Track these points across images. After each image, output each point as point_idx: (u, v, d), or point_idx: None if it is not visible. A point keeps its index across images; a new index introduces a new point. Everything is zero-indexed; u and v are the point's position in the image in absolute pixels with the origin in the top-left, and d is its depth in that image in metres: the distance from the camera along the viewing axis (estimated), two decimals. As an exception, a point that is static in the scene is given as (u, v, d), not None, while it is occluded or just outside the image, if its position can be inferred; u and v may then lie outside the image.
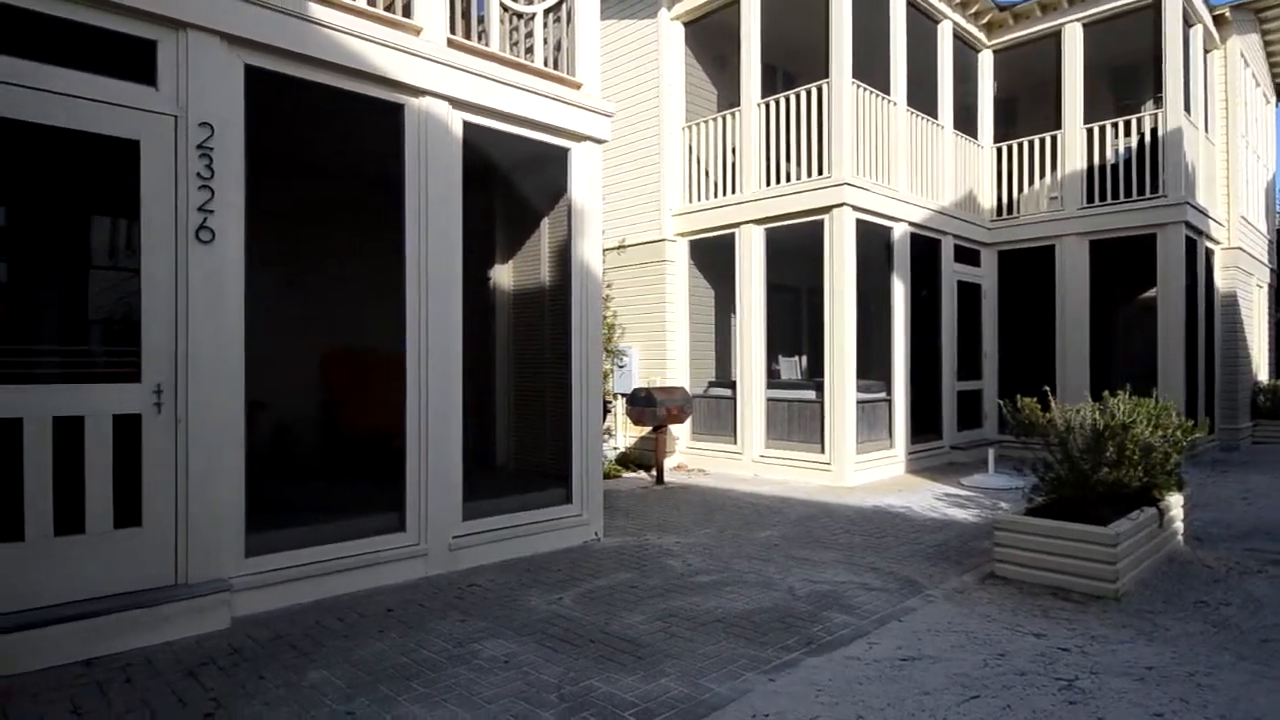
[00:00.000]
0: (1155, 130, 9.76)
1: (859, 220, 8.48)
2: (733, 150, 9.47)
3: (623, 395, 9.73)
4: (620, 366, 9.94)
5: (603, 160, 6.17)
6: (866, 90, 8.68)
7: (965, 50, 10.93)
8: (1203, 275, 10.66)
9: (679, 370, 9.90)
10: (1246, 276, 12.46)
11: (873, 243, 8.94)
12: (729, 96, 10.24)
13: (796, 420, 8.82)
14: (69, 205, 4.38)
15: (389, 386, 5.00)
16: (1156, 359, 9.68)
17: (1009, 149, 11.09)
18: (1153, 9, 9.70)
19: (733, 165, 9.47)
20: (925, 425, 9.72)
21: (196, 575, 3.87)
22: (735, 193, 9.37)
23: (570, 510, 5.69)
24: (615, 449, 9.93)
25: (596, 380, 5.86)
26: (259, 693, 3.10)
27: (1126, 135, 10.14)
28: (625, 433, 10.12)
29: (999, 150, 11.20)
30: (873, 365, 9.35)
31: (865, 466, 8.49)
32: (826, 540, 5.76)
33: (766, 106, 9.10)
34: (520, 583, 4.66)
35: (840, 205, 8.29)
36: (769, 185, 9.05)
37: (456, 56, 4.93)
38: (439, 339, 4.86)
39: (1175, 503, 5.23)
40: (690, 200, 9.92)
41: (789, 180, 8.91)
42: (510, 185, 6.68)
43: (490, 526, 5.16)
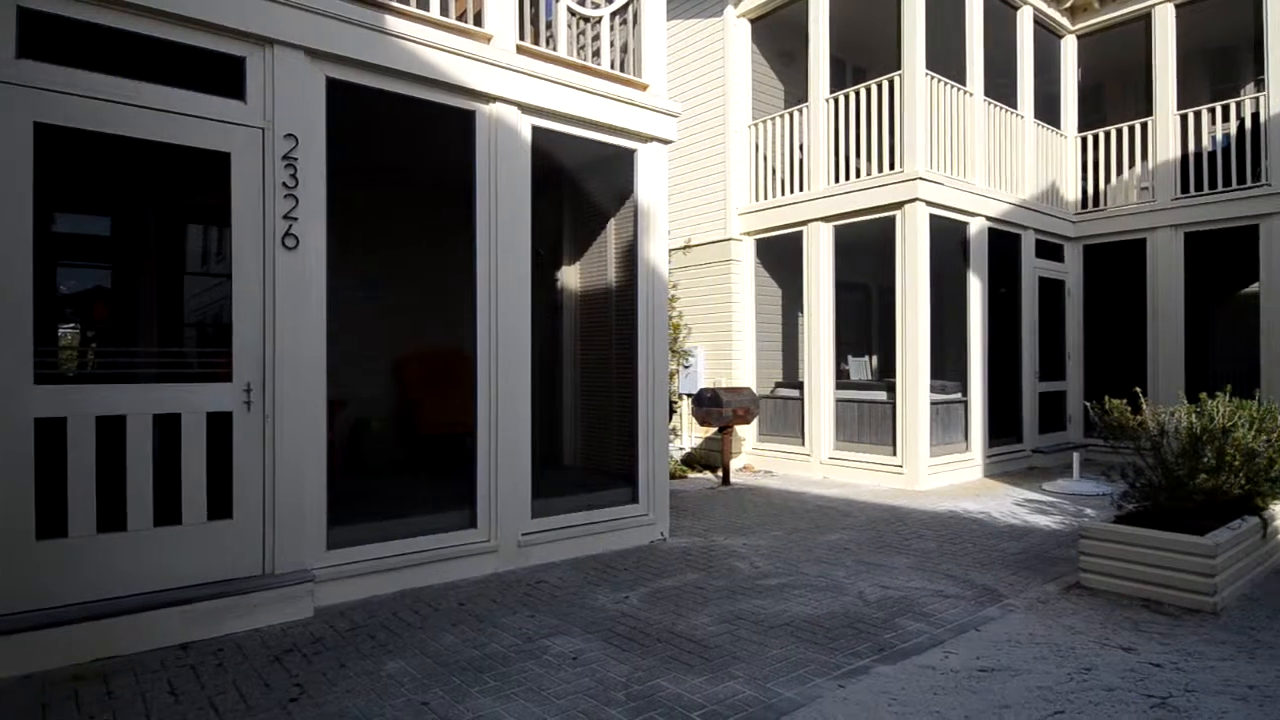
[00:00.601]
0: (1256, 115, 9.12)
1: (933, 215, 8.23)
2: (800, 147, 9.33)
3: (688, 396, 9.71)
4: (686, 367, 9.92)
5: (668, 160, 6.18)
6: (941, 81, 8.42)
7: (1047, 36, 10.47)
8: (1313, 268, 9.91)
9: (745, 370, 9.82)
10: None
11: (947, 238, 8.66)
12: (796, 92, 10.09)
13: (867, 421, 8.62)
14: (166, 215, 4.66)
15: (460, 386, 5.14)
16: (1259, 359, 9.05)
17: (1095, 138, 10.56)
18: (1254, -15, 9.09)
19: (800, 162, 9.32)
20: (1004, 428, 9.35)
21: (283, 566, 4.05)
22: (802, 190, 9.23)
23: (636, 510, 5.71)
24: (681, 449, 9.93)
25: (663, 380, 5.86)
26: (340, 680, 3.22)
27: (1224, 121, 9.51)
28: (691, 433, 10.09)
29: (1084, 140, 10.68)
30: (947, 365, 9.07)
31: (939, 470, 8.24)
32: (898, 545, 5.61)
33: (835, 101, 8.93)
34: (587, 581, 4.71)
35: (913, 200, 8.07)
36: (837, 182, 8.88)
37: (525, 62, 5.01)
38: (508, 340, 4.96)
39: (1281, 512, 4.89)
40: (756, 199, 9.82)
41: (858, 176, 8.72)
42: (577, 187, 6.76)
43: (558, 524, 5.23)
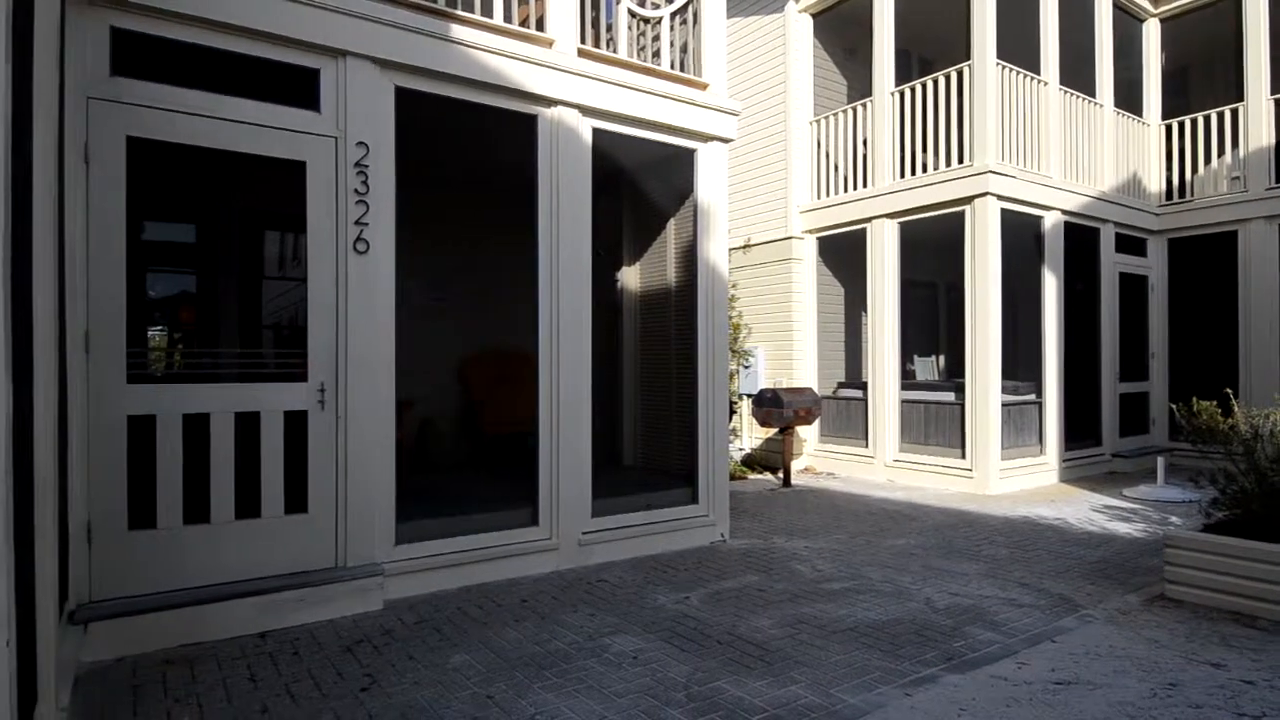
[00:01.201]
0: (1365, 96, 8.51)
1: (1004, 210, 7.95)
2: (864, 142, 9.14)
3: (748, 396, 9.63)
4: (746, 367, 9.84)
5: (728, 158, 6.14)
6: (1013, 70, 8.12)
7: (1127, 21, 9.98)
8: None
9: (806, 371, 9.68)
10: None
11: (1020, 233, 8.35)
12: (859, 87, 9.89)
13: (934, 423, 8.39)
14: (246, 221, 4.88)
15: (522, 386, 5.22)
16: (1368, 358, 8.44)
17: (1180, 126, 10.01)
18: (1362, -43, 8.47)
19: (863, 158, 9.13)
20: (1082, 430, 8.96)
21: (354, 559, 4.19)
22: (866, 186, 9.04)
23: (696, 511, 5.70)
24: (741, 450, 9.85)
25: (723, 381, 5.83)
26: (408, 671, 3.31)
27: (1327, 103, 8.90)
28: (751, 434, 10.01)
29: (1167, 128, 10.14)
30: (1020, 365, 8.75)
31: (1011, 473, 7.95)
32: (968, 551, 5.44)
33: (900, 95, 8.71)
34: (647, 580, 4.72)
35: (983, 195, 7.80)
36: (902, 177, 8.66)
37: (587, 65, 5.06)
38: (569, 340, 5.01)
39: (1393, 524, 4.53)
40: (818, 196, 9.66)
41: (925, 171, 8.49)
42: (637, 187, 6.78)
43: (618, 524, 5.26)
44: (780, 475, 8.58)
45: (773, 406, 8.18)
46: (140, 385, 3.71)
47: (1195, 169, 9.90)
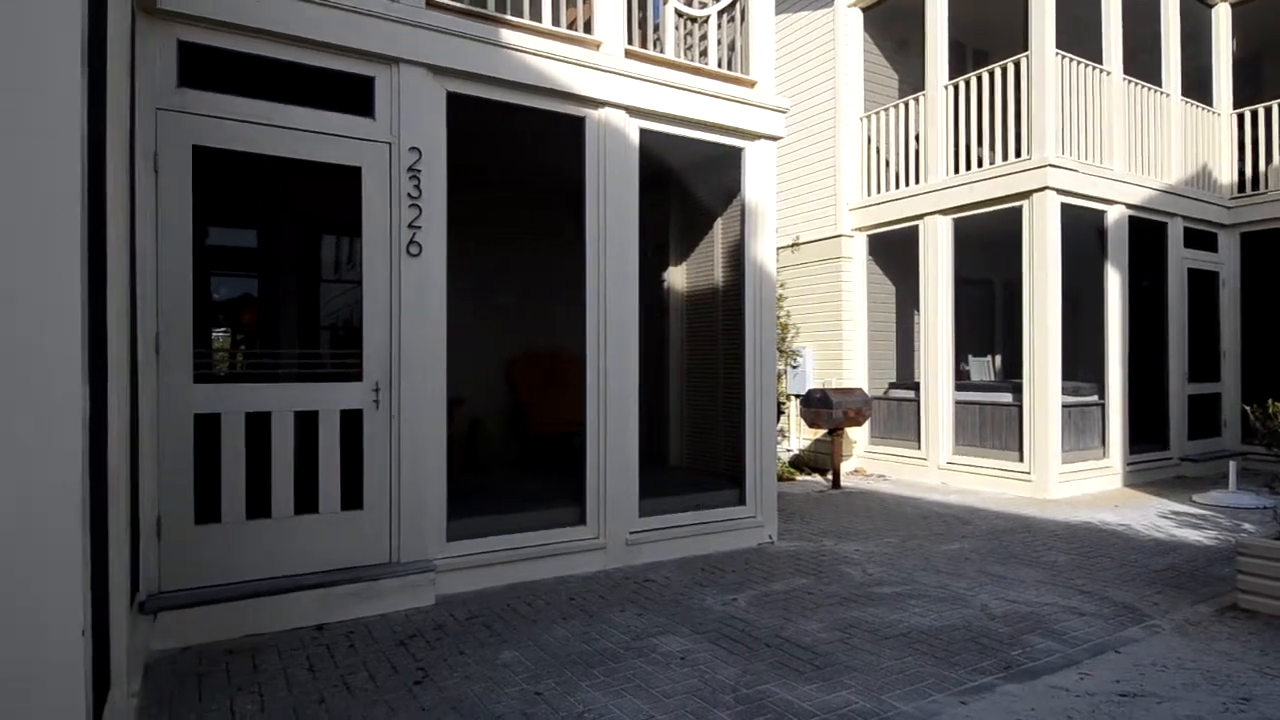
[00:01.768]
0: None
1: (1065, 204, 7.69)
2: (916, 138, 8.95)
3: (796, 396, 9.52)
4: (794, 367, 9.73)
5: (775, 156, 6.08)
6: (1073, 60, 7.86)
7: (1196, 6, 9.55)
8: None
9: (856, 371, 9.52)
10: None
11: (1081, 228, 8.07)
12: (911, 81, 9.68)
13: (989, 425, 8.16)
14: (304, 226, 5.02)
15: (570, 386, 5.26)
16: None
17: (1253, 115, 9.54)
18: None
19: (916, 154, 8.94)
20: (1148, 433, 8.61)
21: (407, 555, 4.28)
22: (918, 183, 8.85)
23: (744, 512, 5.66)
24: (789, 451, 9.74)
25: (771, 381, 5.78)
26: (459, 666, 3.37)
27: None
28: (799, 435, 9.89)
29: (1240, 117, 9.67)
30: (1080, 365, 8.45)
31: (1072, 477, 7.68)
32: (1025, 556, 5.28)
33: (954, 88, 8.50)
34: (695, 581, 4.71)
35: (1042, 189, 7.56)
36: (957, 173, 8.45)
37: (634, 66, 5.07)
38: (616, 341, 5.03)
39: None
40: (868, 193, 9.50)
41: (980, 166, 8.27)
42: (684, 187, 6.76)
43: (665, 524, 5.25)
44: (829, 477, 8.46)
45: (821, 407, 8.07)
46: (206, 385, 3.86)
47: (1270, 159, 9.42)
